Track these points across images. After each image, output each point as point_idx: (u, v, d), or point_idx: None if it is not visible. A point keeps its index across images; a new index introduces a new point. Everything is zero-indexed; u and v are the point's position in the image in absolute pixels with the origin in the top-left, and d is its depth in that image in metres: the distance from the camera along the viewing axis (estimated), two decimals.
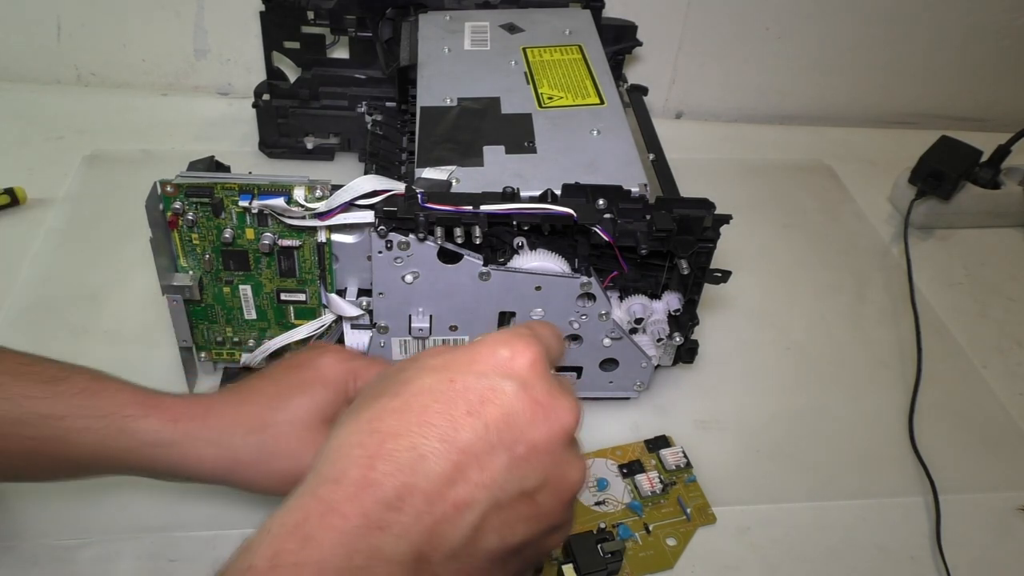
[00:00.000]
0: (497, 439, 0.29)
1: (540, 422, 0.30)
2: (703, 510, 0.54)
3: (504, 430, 0.30)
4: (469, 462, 0.29)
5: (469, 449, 0.29)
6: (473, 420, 0.29)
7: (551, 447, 0.30)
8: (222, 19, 0.86)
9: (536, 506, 0.30)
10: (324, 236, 0.51)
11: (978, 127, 0.98)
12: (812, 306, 0.72)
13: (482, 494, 0.29)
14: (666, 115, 0.98)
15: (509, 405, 0.30)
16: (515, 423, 0.30)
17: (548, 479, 0.31)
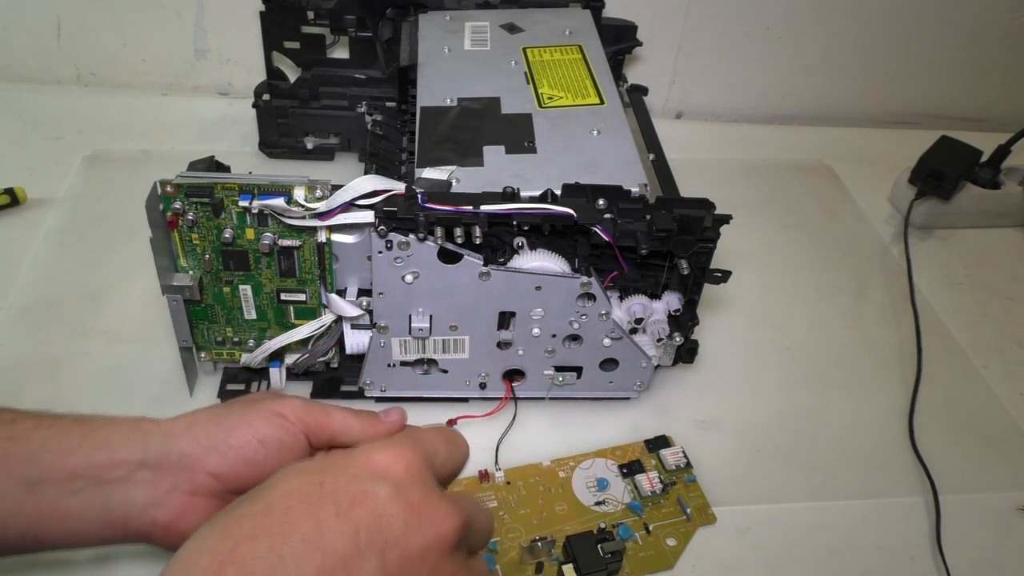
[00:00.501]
0: (367, 544, 0.27)
1: (414, 528, 0.28)
2: (703, 510, 0.54)
3: (375, 534, 0.27)
4: (335, 568, 0.26)
5: (335, 553, 0.26)
6: (341, 523, 0.27)
7: (427, 555, 0.28)
8: (222, 19, 0.86)
9: None
10: (324, 236, 0.51)
11: (978, 127, 0.98)
12: (812, 306, 0.72)
13: None
14: (666, 115, 0.98)
15: (381, 508, 0.28)
16: (387, 527, 0.28)
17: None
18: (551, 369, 0.57)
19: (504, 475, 0.54)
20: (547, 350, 0.55)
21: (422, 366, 0.57)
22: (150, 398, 0.58)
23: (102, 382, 0.58)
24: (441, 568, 0.29)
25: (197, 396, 0.58)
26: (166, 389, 0.58)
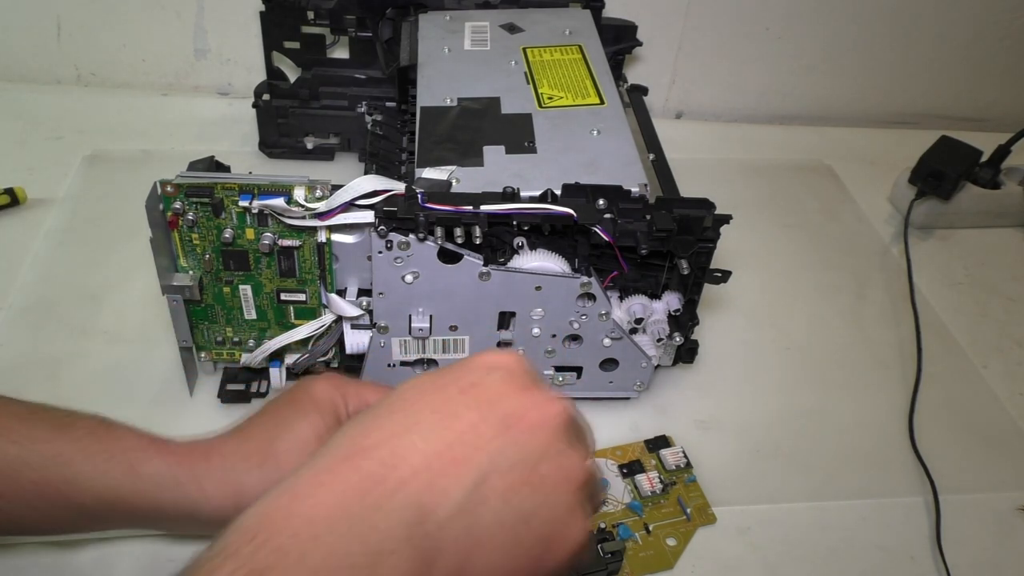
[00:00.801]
0: (488, 412, 0.30)
1: (528, 406, 0.31)
2: (703, 510, 0.54)
3: (495, 406, 0.31)
4: (463, 429, 0.30)
5: (462, 417, 0.30)
6: (464, 397, 0.31)
7: (542, 427, 0.31)
8: (222, 19, 0.86)
9: (538, 478, 0.30)
10: (324, 236, 0.51)
11: (978, 127, 0.98)
12: (812, 306, 0.72)
13: (478, 456, 0.29)
14: (666, 115, 0.98)
15: (496, 389, 0.32)
16: (503, 403, 0.31)
17: (546, 456, 0.31)
18: (551, 369, 0.57)
19: None
20: (547, 350, 0.55)
21: (422, 366, 0.57)
22: (150, 398, 0.58)
23: (102, 382, 0.58)
24: (558, 442, 0.31)
25: (197, 396, 0.58)
26: (166, 389, 0.58)
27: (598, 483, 0.34)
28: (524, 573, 0.30)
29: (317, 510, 0.26)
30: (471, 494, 0.29)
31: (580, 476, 0.32)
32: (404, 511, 0.27)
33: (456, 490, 0.28)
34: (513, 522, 0.29)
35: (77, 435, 0.40)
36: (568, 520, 0.31)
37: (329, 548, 0.26)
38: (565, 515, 0.31)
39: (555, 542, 0.31)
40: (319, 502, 0.27)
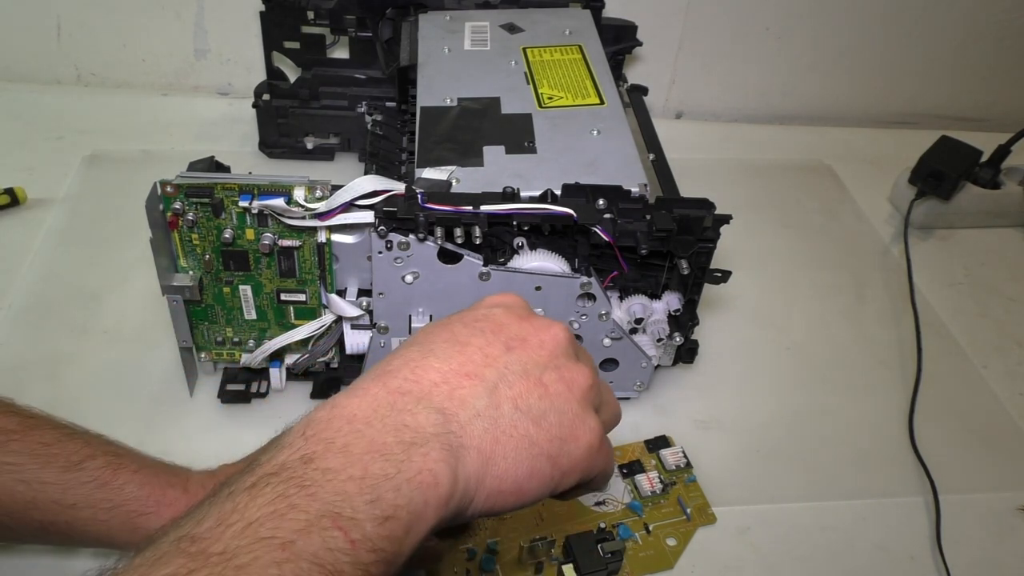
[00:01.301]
0: (494, 338, 0.34)
1: (529, 331, 0.35)
2: (703, 510, 0.54)
3: (499, 333, 0.35)
4: (472, 352, 0.34)
5: (471, 343, 0.34)
6: (471, 328, 0.35)
7: (542, 346, 0.35)
8: (222, 19, 0.86)
9: (544, 386, 0.34)
10: (324, 236, 0.51)
11: (978, 127, 0.98)
12: (812, 306, 0.72)
13: (489, 371, 0.33)
14: (666, 115, 0.98)
15: (499, 319, 0.36)
16: (507, 330, 0.35)
17: (549, 367, 0.34)
18: None
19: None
20: None
21: None
22: (150, 398, 0.58)
23: (102, 382, 0.58)
24: (554, 359, 0.35)
25: (197, 396, 0.58)
26: (166, 389, 0.58)
27: (605, 393, 0.37)
28: (543, 470, 0.33)
29: (356, 413, 0.30)
30: (487, 400, 0.32)
31: (583, 383, 0.35)
32: (430, 414, 0.31)
33: (473, 398, 0.32)
34: (527, 423, 0.33)
35: (84, 479, 0.42)
36: (576, 423, 0.34)
37: (368, 440, 0.29)
38: (573, 418, 0.34)
39: (567, 442, 0.34)
40: (356, 409, 0.30)
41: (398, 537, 0.29)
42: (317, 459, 0.29)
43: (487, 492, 0.32)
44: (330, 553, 0.27)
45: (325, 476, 0.28)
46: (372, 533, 0.28)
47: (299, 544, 0.26)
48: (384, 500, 0.28)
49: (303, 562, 0.26)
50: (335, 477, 0.28)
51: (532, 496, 0.33)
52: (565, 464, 0.34)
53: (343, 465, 0.28)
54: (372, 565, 0.28)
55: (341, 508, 0.28)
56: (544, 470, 0.33)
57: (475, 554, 0.49)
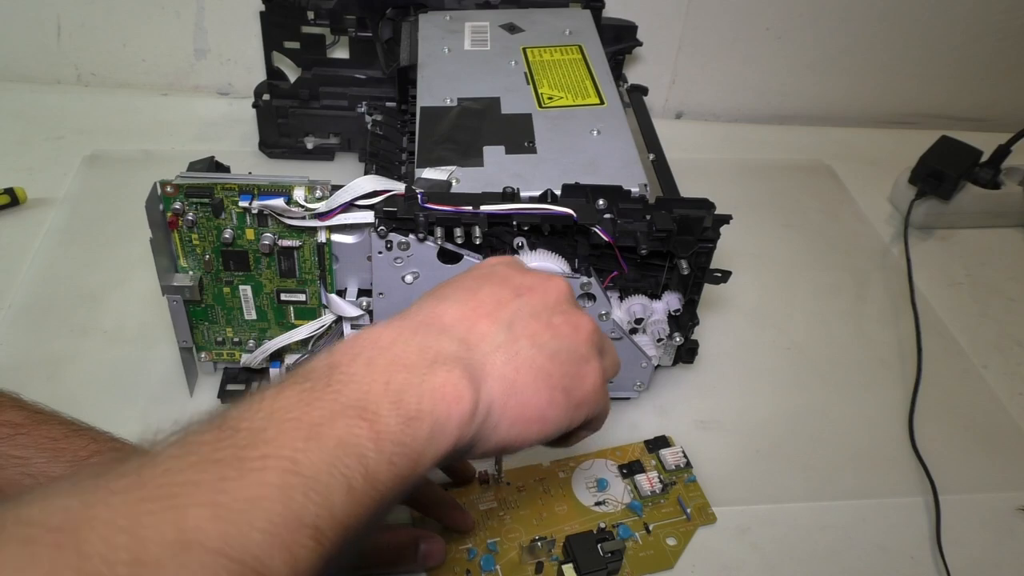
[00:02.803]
0: (502, 286, 0.37)
1: (534, 280, 0.38)
2: (703, 510, 0.54)
3: (506, 282, 0.37)
4: (484, 297, 0.36)
5: (482, 290, 0.36)
6: (479, 280, 0.37)
7: (547, 293, 0.37)
8: (222, 19, 0.86)
9: (553, 327, 0.36)
10: (324, 236, 0.51)
11: (978, 127, 0.98)
12: (812, 306, 0.72)
13: (503, 311, 0.36)
14: (666, 115, 0.98)
15: (504, 272, 0.38)
16: (513, 280, 0.38)
17: (556, 311, 0.37)
18: None
19: (504, 476, 0.54)
20: None
21: None
22: (150, 398, 0.58)
23: (102, 382, 0.58)
24: (560, 304, 0.37)
25: (197, 396, 0.58)
26: (166, 389, 0.58)
27: (605, 342, 0.39)
28: (560, 401, 0.35)
29: (380, 337, 0.32)
30: (505, 335, 0.35)
31: (588, 327, 0.38)
32: (451, 342, 0.33)
33: (492, 333, 0.34)
34: (542, 358, 0.35)
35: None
36: (584, 363, 0.37)
37: (392, 356, 0.31)
38: (581, 359, 0.37)
39: (577, 378, 0.36)
40: (380, 334, 0.33)
41: (421, 438, 0.30)
42: (342, 367, 0.30)
43: (511, 418, 0.34)
44: (354, 438, 0.28)
45: (350, 379, 0.30)
46: (395, 429, 0.29)
47: (324, 428, 0.28)
48: (407, 403, 0.30)
49: (328, 441, 0.27)
50: (360, 381, 0.30)
51: (552, 425, 0.35)
52: (578, 397, 0.36)
53: (367, 373, 0.30)
54: (395, 456, 0.29)
55: (365, 404, 0.29)
56: (561, 401, 0.35)
57: (475, 554, 0.49)
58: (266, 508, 0.25)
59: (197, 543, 0.23)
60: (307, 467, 0.26)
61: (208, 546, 0.23)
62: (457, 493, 0.52)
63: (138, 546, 0.23)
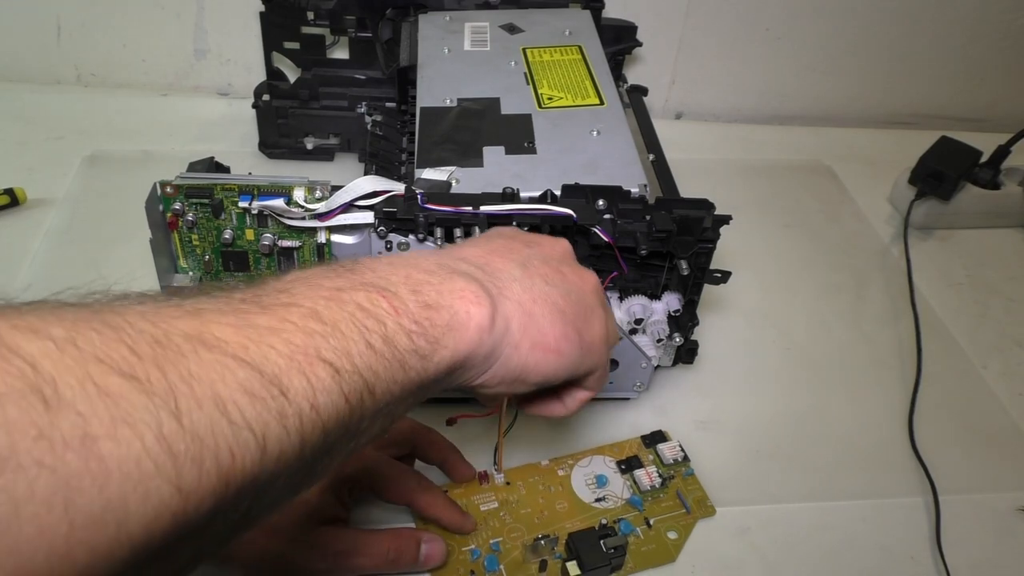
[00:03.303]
0: (513, 240, 0.39)
1: (540, 238, 0.41)
2: (702, 502, 0.54)
3: (516, 238, 0.40)
4: (497, 244, 0.38)
5: (494, 240, 0.39)
6: (490, 235, 0.40)
7: (555, 247, 0.40)
8: (222, 19, 0.86)
9: (563, 274, 0.38)
10: (324, 237, 0.51)
11: (978, 127, 0.98)
12: (812, 306, 0.72)
13: (516, 255, 0.38)
14: (666, 115, 0.98)
15: (512, 233, 0.41)
16: (521, 236, 0.40)
17: (564, 263, 0.39)
18: None
19: (504, 475, 0.54)
20: None
21: None
22: None
23: None
24: (567, 258, 0.40)
25: None
26: None
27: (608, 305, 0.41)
28: (573, 337, 0.36)
29: (403, 254, 0.35)
30: (520, 271, 0.36)
31: (592, 280, 0.40)
32: (470, 267, 0.35)
33: (508, 267, 0.36)
34: (556, 295, 0.36)
35: None
36: (591, 311, 0.38)
37: (413, 263, 0.33)
38: (589, 305, 0.38)
39: (588, 321, 0.38)
40: (403, 253, 0.36)
41: (439, 325, 0.31)
42: (366, 263, 0.32)
43: (531, 341, 0.35)
44: (373, 306, 0.29)
45: (372, 270, 0.31)
46: (414, 309, 0.30)
47: (345, 293, 0.29)
48: (426, 294, 0.31)
49: (348, 304, 0.29)
50: (381, 272, 0.31)
51: (566, 360, 0.36)
52: (588, 338, 0.37)
53: (389, 269, 0.32)
54: (414, 334, 0.30)
55: (386, 285, 0.31)
56: (574, 338, 0.36)
57: (479, 555, 0.49)
58: (286, 336, 0.26)
59: (218, 346, 0.24)
60: (327, 317, 0.27)
61: (228, 351, 0.24)
62: (457, 493, 0.52)
63: (161, 333, 0.23)
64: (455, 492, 0.52)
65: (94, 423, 0.20)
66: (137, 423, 0.20)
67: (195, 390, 0.22)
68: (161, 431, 0.21)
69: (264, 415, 0.24)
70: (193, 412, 0.22)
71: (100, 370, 0.21)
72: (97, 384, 0.20)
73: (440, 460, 0.52)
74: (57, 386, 0.20)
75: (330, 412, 0.26)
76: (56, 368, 0.20)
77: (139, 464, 0.20)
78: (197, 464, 0.21)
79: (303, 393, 0.25)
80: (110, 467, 0.20)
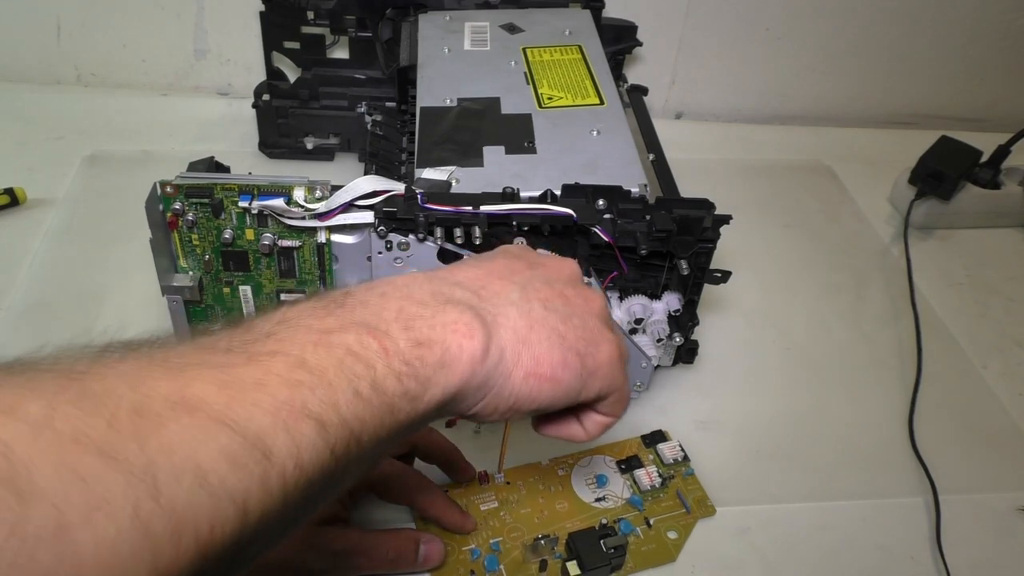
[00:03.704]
0: (515, 260, 0.38)
1: (545, 259, 0.39)
2: (702, 502, 0.54)
3: (519, 258, 0.39)
4: (498, 265, 0.37)
5: (496, 260, 0.38)
6: (492, 255, 0.39)
7: (560, 269, 0.39)
8: (222, 19, 0.86)
9: (566, 297, 0.37)
10: (324, 236, 0.51)
11: (978, 127, 0.98)
12: (812, 306, 0.72)
13: (516, 276, 0.36)
14: (666, 115, 0.98)
15: (516, 251, 0.40)
16: (525, 257, 0.39)
17: (568, 285, 0.38)
18: None
19: (504, 475, 0.54)
20: None
21: None
22: None
23: None
24: (571, 280, 0.38)
25: None
26: None
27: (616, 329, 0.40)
28: (574, 363, 0.35)
29: (395, 280, 0.33)
30: (519, 295, 0.35)
31: (598, 303, 0.38)
32: (465, 292, 0.34)
33: (505, 291, 0.35)
34: (555, 319, 0.35)
35: None
36: (596, 333, 0.36)
37: (406, 293, 0.32)
38: (594, 328, 0.37)
39: (591, 344, 0.36)
40: (396, 278, 0.33)
41: (430, 363, 0.30)
42: (357, 295, 0.31)
43: (525, 370, 0.34)
44: (363, 348, 0.29)
45: (363, 304, 0.31)
46: (404, 348, 0.30)
47: (334, 336, 0.28)
48: (418, 330, 0.31)
49: (337, 348, 0.28)
50: (372, 306, 0.31)
51: (564, 388, 0.35)
52: (591, 364, 0.36)
53: (380, 301, 0.31)
54: (404, 376, 0.29)
55: (376, 323, 0.30)
56: (574, 363, 0.35)
57: (479, 554, 0.49)
58: (271, 391, 0.25)
59: (200, 409, 0.23)
60: (315, 365, 0.27)
61: (211, 414, 0.23)
62: (457, 493, 0.52)
63: (141, 399, 0.22)
64: (455, 492, 0.52)
65: (68, 512, 0.19)
66: (113, 507, 0.20)
67: (175, 462, 0.21)
68: (138, 512, 0.20)
69: (246, 482, 0.23)
70: (172, 487, 0.21)
71: (76, 451, 0.20)
72: (73, 468, 0.20)
73: (440, 460, 0.52)
74: (31, 475, 0.19)
75: (315, 467, 0.25)
76: (31, 454, 0.19)
77: (114, 551, 0.20)
78: (174, 542, 0.21)
79: (287, 452, 0.24)
80: (84, 558, 0.19)
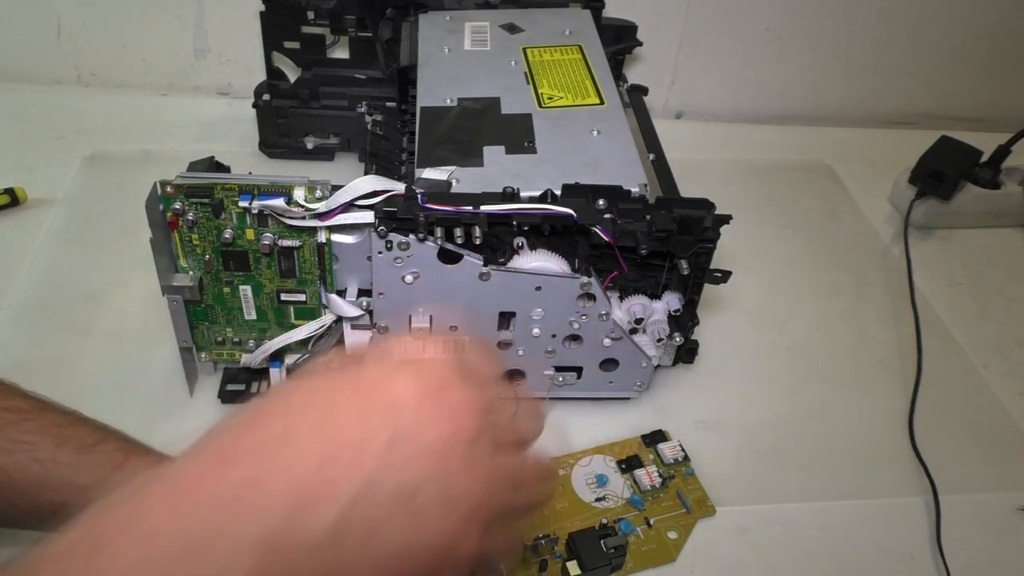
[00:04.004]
0: (377, 427, 0.27)
1: (429, 416, 0.27)
2: (702, 502, 0.54)
3: (387, 418, 0.27)
4: (343, 445, 0.26)
5: (344, 432, 0.26)
6: (356, 405, 0.27)
7: (439, 445, 0.27)
8: (222, 19, 0.86)
9: (412, 514, 0.26)
10: (324, 236, 0.51)
11: (978, 127, 0.98)
12: (812, 306, 0.72)
13: (350, 483, 0.26)
14: (666, 115, 0.98)
15: (397, 393, 0.27)
16: (401, 412, 0.27)
17: (431, 480, 0.27)
18: (551, 369, 0.57)
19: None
20: (547, 350, 0.55)
21: None
22: (150, 398, 0.58)
23: (102, 382, 0.58)
24: (458, 460, 0.27)
25: (197, 396, 0.58)
26: (166, 389, 0.58)
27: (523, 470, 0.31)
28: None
29: (155, 526, 0.24)
30: (332, 529, 0.25)
31: (467, 502, 0.28)
32: (252, 545, 0.24)
33: (316, 525, 0.25)
34: (375, 559, 0.26)
35: (98, 461, 0.42)
36: (456, 543, 0.28)
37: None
38: (450, 542, 0.27)
39: (446, 560, 0.28)
40: (159, 519, 0.25)
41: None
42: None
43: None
44: None
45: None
46: None
47: None
48: None
49: None
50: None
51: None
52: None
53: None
54: None
55: None
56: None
57: None
58: None
59: None
60: None
61: None
62: None
63: None
64: None
65: None
66: None
67: None
68: None
69: None
70: None
71: None
72: None
73: None
74: None
75: None
76: None
77: None
78: None
79: None
80: None
